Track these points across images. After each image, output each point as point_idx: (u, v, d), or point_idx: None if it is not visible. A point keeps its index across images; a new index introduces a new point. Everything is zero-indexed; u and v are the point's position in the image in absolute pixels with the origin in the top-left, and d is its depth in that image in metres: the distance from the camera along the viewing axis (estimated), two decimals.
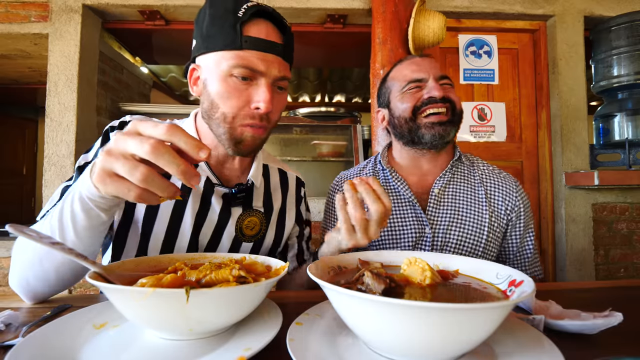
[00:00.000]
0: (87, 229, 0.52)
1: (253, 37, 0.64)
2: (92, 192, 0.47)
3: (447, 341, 0.33)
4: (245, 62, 0.63)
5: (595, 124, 2.31)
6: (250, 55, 0.64)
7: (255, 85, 0.65)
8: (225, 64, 0.64)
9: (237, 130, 0.67)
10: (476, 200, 0.93)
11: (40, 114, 4.71)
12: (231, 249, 0.77)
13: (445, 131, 0.89)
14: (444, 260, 0.54)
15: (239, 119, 0.66)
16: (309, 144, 2.73)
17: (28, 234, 0.41)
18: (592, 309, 0.49)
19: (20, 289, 0.59)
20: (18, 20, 2.05)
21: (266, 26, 0.66)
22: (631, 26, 2.06)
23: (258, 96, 0.65)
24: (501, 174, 0.99)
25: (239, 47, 0.63)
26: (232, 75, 0.64)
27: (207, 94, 0.68)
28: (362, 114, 3.08)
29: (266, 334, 0.42)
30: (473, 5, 2.15)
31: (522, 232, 0.94)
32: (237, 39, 0.63)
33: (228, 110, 0.65)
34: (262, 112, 0.65)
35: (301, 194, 0.93)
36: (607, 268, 2.16)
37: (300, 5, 2.08)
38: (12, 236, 2.02)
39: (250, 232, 0.78)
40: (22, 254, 0.58)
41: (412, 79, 0.91)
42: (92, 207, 0.50)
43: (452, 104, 0.90)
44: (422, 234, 0.91)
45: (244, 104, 0.65)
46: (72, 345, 0.40)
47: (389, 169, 0.98)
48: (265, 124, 0.68)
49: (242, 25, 0.63)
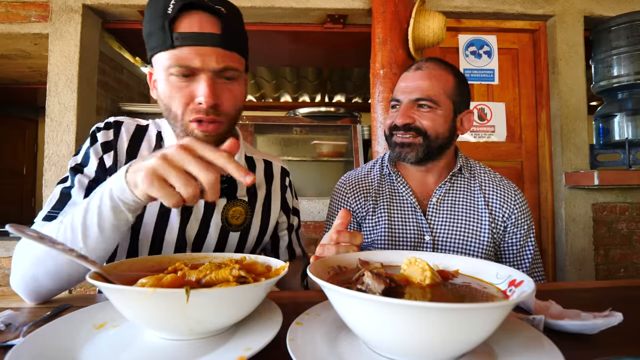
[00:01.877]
0: (112, 228, 0.54)
1: (184, 33, 0.63)
2: (125, 192, 0.50)
3: (447, 341, 0.33)
4: (179, 61, 0.63)
5: (595, 124, 2.31)
6: (183, 53, 0.63)
7: (196, 81, 0.65)
8: (163, 64, 0.64)
9: (188, 127, 0.67)
10: (475, 208, 0.94)
11: (40, 114, 4.71)
12: (219, 239, 0.78)
13: (401, 152, 0.92)
14: (444, 260, 0.54)
15: (187, 115, 0.66)
16: (309, 144, 2.73)
17: (28, 234, 0.41)
18: (592, 309, 0.49)
19: (25, 288, 0.59)
20: (18, 20, 2.05)
21: (199, 18, 0.64)
22: (631, 26, 2.06)
23: (198, 91, 0.64)
24: (502, 181, 0.98)
25: (171, 46, 0.63)
26: (172, 75, 0.64)
27: (159, 96, 0.69)
28: (362, 114, 3.08)
29: (266, 334, 0.42)
30: (473, 5, 2.15)
31: (520, 238, 0.94)
32: (168, 38, 0.62)
33: (176, 108, 0.66)
34: (205, 106, 0.65)
35: (286, 183, 0.93)
36: (607, 268, 2.16)
37: (300, 5, 2.08)
38: (12, 236, 2.02)
39: (236, 222, 0.80)
40: (29, 252, 0.58)
41: (393, 98, 0.95)
42: (120, 208, 0.52)
43: (418, 131, 0.89)
44: (421, 239, 0.92)
45: (188, 101, 0.66)
46: (72, 345, 0.40)
47: (394, 172, 0.99)
48: (214, 117, 0.67)
49: (172, 23, 0.63)
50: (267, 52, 2.75)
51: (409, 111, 0.90)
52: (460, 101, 0.93)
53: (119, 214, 0.53)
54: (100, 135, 0.73)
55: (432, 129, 0.90)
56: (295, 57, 2.91)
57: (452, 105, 0.92)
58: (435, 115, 0.90)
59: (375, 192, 0.99)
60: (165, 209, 0.73)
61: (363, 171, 1.05)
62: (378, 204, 0.98)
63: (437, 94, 0.89)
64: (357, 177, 1.03)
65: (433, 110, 0.90)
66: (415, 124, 0.89)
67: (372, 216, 0.97)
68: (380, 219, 0.96)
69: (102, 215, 0.53)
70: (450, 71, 0.93)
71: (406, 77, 0.94)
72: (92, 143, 0.72)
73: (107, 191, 0.52)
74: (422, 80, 0.90)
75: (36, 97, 4.00)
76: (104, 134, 0.73)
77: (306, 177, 2.70)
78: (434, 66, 0.92)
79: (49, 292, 0.60)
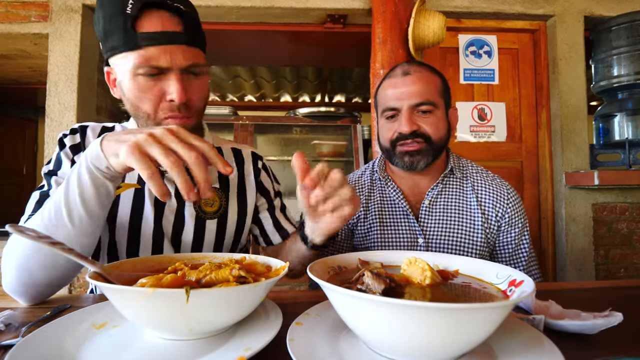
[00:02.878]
0: (94, 200, 0.55)
1: (147, 33, 0.62)
2: (100, 159, 0.52)
3: (447, 341, 0.33)
4: (148, 61, 0.63)
5: (595, 124, 2.31)
6: (150, 53, 0.63)
7: (165, 79, 0.65)
8: (129, 64, 0.64)
9: (162, 123, 0.68)
10: (468, 209, 0.94)
11: (40, 114, 4.70)
12: (196, 229, 0.78)
13: (412, 161, 0.90)
14: (444, 260, 0.54)
15: (160, 113, 0.67)
16: (309, 144, 2.73)
17: (28, 234, 0.41)
18: (592, 309, 0.49)
19: (18, 284, 0.57)
20: (18, 20, 2.05)
21: (160, 17, 0.64)
22: (631, 26, 2.06)
23: (169, 88, 0.65)
24: (494, 180, 0.97)
25: (136, 46, 0.62)
26: (139, 75, 0.64)
27: (125, 96, 0.68)
28: (362, 114, 3.08)
29: (266, 334, 0.42)
30: (473, 5, 2.15)
31: (515, 237, 0.94)
32: (132, 38, 0.62)
33: (147, 107, 0.66)
34: (177, 103, 0.65)
35: (259, 166, 0.92)
36: (607, 268, 2.16)
37: (300, 5, 2.08)
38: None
39: (211, 209, 0.80)
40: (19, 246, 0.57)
41: (388, 107, 0.91)
42: (98, 176, 0.54)
43: (423, 136, 0.88)
44: (415, 243, 0.92)
45: (159, 99, 0.66)
46: (72, 345, 0.40)
47: (384, 177, 0.98)
48: (186, 113, 0.68)
49: (134, 22, 0.62)
50: (267, 52, 2.75)
51: (412, 117, 0.88)
52: (447, 99, 0.94)
53: (98, 182, 0.54)
54: (68, 139, 0.74)
55: (436, 134, 0.89)
56: (295, 57, 2.91)
57: (444, 104, 0.92)
58: (436, 118, 0.89)
59: (366, 198, 0.99)
60: (137, 204, 0.74)
61: (354, 177, 1.05)
62: (369, 210, 0.97)
63: (433, 95, 0.89)
64: (350, 182, 1.03)
65: (433, 113, 0.89)
66: (420, 130, 0.88)
67: (363, 222, 0.97)
68: (373, 225, 0.96)
69: (83, 188, 0.54)
70: (434, 72, 0.94)
71: (395, 83, 0.91)
72: (61, 148, 0.74)
73: (83, 164, 0.54)
74: (415, 84, 0.89)
75: (36, 97, 4.00)
76: (71, 138, 0.75)
77: None
78: (421, 69, 0.91)
79: (45, 286, 0.59)
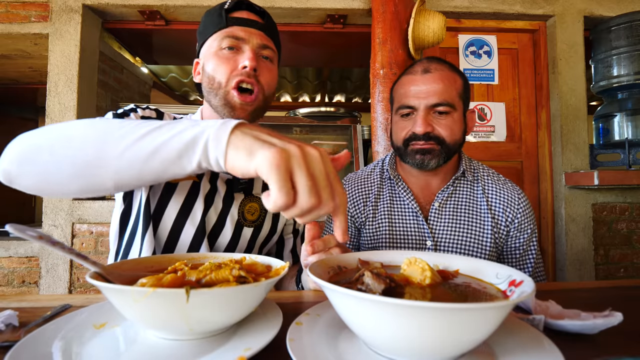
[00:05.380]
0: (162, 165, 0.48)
1: (235, 17, 0.77)
2: (221, 144, 0.44)
3: (447, 341, 0.33)
4: (230, 34, 0.75)
5: (595, 124, 2.31)
6: (234, 30, 0.76)
7: (241, 52, 0.76)
8: (215, 43, 0.76)
9: (229, 94, 0.74)
10: (478, 212, 0.92)
11: (40, 114, 4.70)
12: (234, 233, 0.80)
13: (423, 159, 0.88)
14: (444, 260, 0.54)
15: (231, 80, 0.74)
16: (309, 144, 2.72)
17: (28, 234, 0.41)
18: (592, 309, 0.49)
19: (18, 153, 0.52)
20: (18, 20, 2.05)
21: (247, 13, 0.79)
22: (631, 26, 2.06)
23: (243, 57, 0.74)
24: (505, 184, 0.96)
25: (225, 26, 0.76)
26: (221, 49, 0.75)
27: (205, 73, 0.77)
28: (362, 114, 3.08)
29: (266, 334, 0.42)
30: (473, 5, 2.15)
31: (524, 242, 0.92)
32: (223, 20, 0.76)
33: (220, 76, 0.74)
34: (248, 69, 0.73)
35: None
36: (607, 268, 2.16)
37: (300, 5, 2.08)
38: (12, 236, 2.02)
39: (251, 217, 0.83)
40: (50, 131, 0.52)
41: (404, 105, 0.89)
42: (196, 153, 0.46)
43: (437, 139, 0.87)
44: (423, 245, 0.91)
45: (233, 68, 0.74)
46: (72, 345, 0.40)
47: (395, 177, 0.96)
48: (253, 81, 0.74)
49: (227, 13, 0.77)
50: None
51: (428, 118, 0.86)
52: (466, 101, 0.92)
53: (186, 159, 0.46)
54: (141, 110, 0.77)
55: (451, 137, 0.87)
56: (295, 57, 2.91)
57: (463, 106, 0.90)
58: (452, 120, 0.87)
59: (375, 196, 0.97)
60: (192, 195, 0.76)
61: (363, 174, 1.02)
62: (378, 209, 0.96)
63: (452, 96, 0.86)
64: (357, 181, 1.01)
65: (450, 115, 0.87)
66: (434, 132, 0.86)
67: (372, 221, 0.96)
68: (381, 225, 0.94)
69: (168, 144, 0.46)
70: (456, 71, 0.91)
71: (415, 80, 0.88)
72: (131, 111, 0.76)
73: (195, 129, 0.46)
74: (435, 83, 0.86)
75: (36, 97, 4.00)
76: (148, 112, 0.78)
77: None
78: (442, 67, 0.88)
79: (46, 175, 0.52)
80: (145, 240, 0.72)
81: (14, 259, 1.99)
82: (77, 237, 1.97)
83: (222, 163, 0.44)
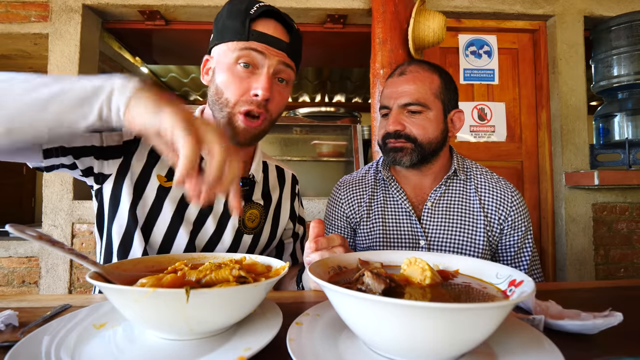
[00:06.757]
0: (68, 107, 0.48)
1: (259, 32, 0.70)
2: (125, 92, 0.46)
3: (447, 341, 0.33)
4: (249, 52, 0.69)
5: (595, 124, 2.31)
6: (254, 46, 0.69)
7: (257, 74, 0.70)
8: (232, 54, 0.70)
9: (235, 117, 0.70)
10: (471, 211, 0.93)
11: None
12: (233, 241, 0.79)
13: (395, 157, 0.91)
14: (444, 260, 0.54)
15: (239, 105, 0.70)
16: (309, 144, 2.72)
17: (28, 234, 0.41)
18: (592, 309, 0.49)
19: None
20: (18, 20, 2.05)
21: (274, 25, 0.72)
22: (631, 26, 2.06)
23: (257, 83, 0.69)
24: (498, 182, 0.97)
25: (246, 39, 0.69)
26: (237, 64, 0.69)
27: (214, 82, 0.72)
28: (362, 114, 3.08)
29: (266, 334, 0.42)
30: (473, 5, 2.15)
31: (518, 240, 0.93)
32: (245, 31, 0.69)
33: (230, 95, 0.69)
34: (260, 99, 0.69)
35: (295, 191, 0.95)
36: (607, 268, 2.16)
37: (300, 5, 2.08)
38: (12, 236, 2.02)
39: (251, 225, 0.82)
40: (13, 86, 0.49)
41: (382, 105, 0.95)
42: (98, 99, 0.47)
43: (408, 137, 0.89)
44: (416, 244, 0.92)
45: (244, 91, 0.69)
46: (72, 345, 0.40)
47: (388, 177, 0.98)
48: (262, 111, 0.70)
49: (252, 21, 0.70)
50: None
51: (399, 117, 0.90)
52: (449, 100, 0.93)
53: (87, 106, 0.47)
54: None
55: (423, 136, 0.89)
56: None
57: (442, 105, 0.91)
58: (426, 120, 0.89)
59: (369, 197, 0.99)
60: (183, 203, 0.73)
61: (358, 175, 1.05)
62: (372, 209, 0.97)
63: (425, 96, 0.89)
64: (352, 182, 1.03)
65: (424, 114, 0.89)
66: (405, 131, 0.89)
67: (366, 221, 0.97)
68: (375, 225, 0.95)
69: (71, 90, 0.48)
70: (435, 71, 0.93)
71: (391, 83, 0.93)
72: None
73: (102, 80, 0.48)
74: (407, 84, 0.90)
75: None
76: None
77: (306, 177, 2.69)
78: (418, 69, 0.92)
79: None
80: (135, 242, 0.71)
81: (14, 259, 1.99)
82: (77, 237, 1.97)
83: (122, 112, 0.46)
